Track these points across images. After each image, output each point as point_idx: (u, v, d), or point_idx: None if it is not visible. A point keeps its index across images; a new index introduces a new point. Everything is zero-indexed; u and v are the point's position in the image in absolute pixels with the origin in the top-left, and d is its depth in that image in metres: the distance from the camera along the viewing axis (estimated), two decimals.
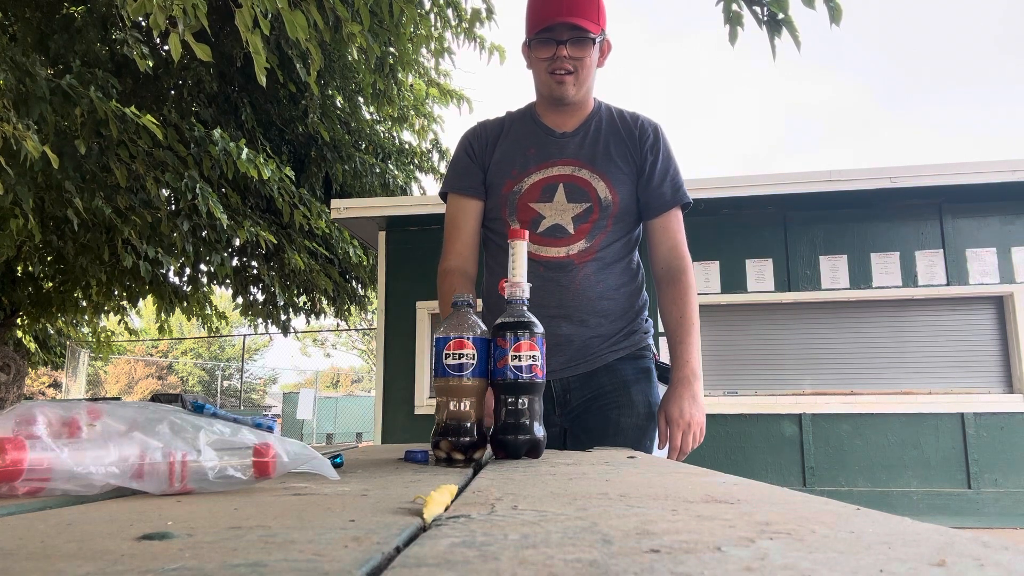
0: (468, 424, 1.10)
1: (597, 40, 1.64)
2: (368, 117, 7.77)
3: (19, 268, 6.92)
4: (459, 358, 1.10)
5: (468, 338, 1.11)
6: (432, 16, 5.57)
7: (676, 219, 1.77)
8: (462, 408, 1.11)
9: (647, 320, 1.80)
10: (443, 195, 1.82)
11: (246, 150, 5.06)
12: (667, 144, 1.77)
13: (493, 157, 1.75)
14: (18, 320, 8.01)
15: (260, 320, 7.84)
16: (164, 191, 5.54)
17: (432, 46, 5.99)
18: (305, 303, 7.99)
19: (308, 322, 9.64)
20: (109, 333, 9.81)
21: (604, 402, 1.68)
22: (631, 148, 1.73)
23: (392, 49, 6.15)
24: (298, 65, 5.54)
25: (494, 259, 1.79)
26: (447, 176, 1.83)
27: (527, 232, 1.25)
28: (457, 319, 1.14)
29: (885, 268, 5.19)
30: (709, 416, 5.13)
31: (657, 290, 1.77)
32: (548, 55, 1.64)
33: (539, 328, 1.17)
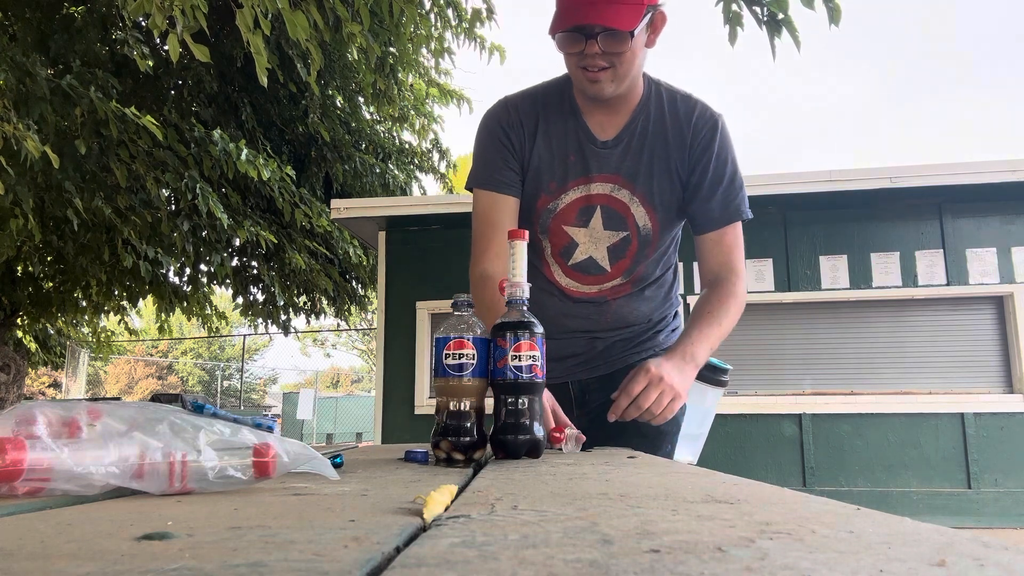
0: (468, 424, 1.10)
1: (636, 31, 1.33)
2: (368, 117, 7.77)
3: (19, 268, 6.92)
4: (459, 358, 1.10)
5: (468, 338, 1.11)
6: (432, 16, 5.57)
7: (731, 234, 1.54)
8: (462, 408, 1.11)
9: (677, 315, 1.69)
10: (470, 188, 1.59)
11: (246, 150, 5.06)
12: (726, 144, 1.51)
13: (531, 161, 1.51)
14: (18, 320, 8.01)
15: (260, 320, 7.84)
16: (164, 191, 5.55)
17: (432, 46, 6.00)
18: (305, 303, 7.99)
19: (308, 322, 9.64)
20: (109, 333, 9.81)
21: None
22: (679, 155, 1.49)
23: (392, 49, 6.15)
24: (298, 65, 5.54)
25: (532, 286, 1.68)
26: (478, 167, 1.56)
27: (527, 232, 1.24)
28: (457, 319, 1.14)
29: (885, 268, 5.19)
30: None
31: (703, 294, 1.59)
32: (577, 49, 1.37)
33: (539, 328, 1.17)
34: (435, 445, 1.10)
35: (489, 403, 1.16)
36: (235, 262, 7.31)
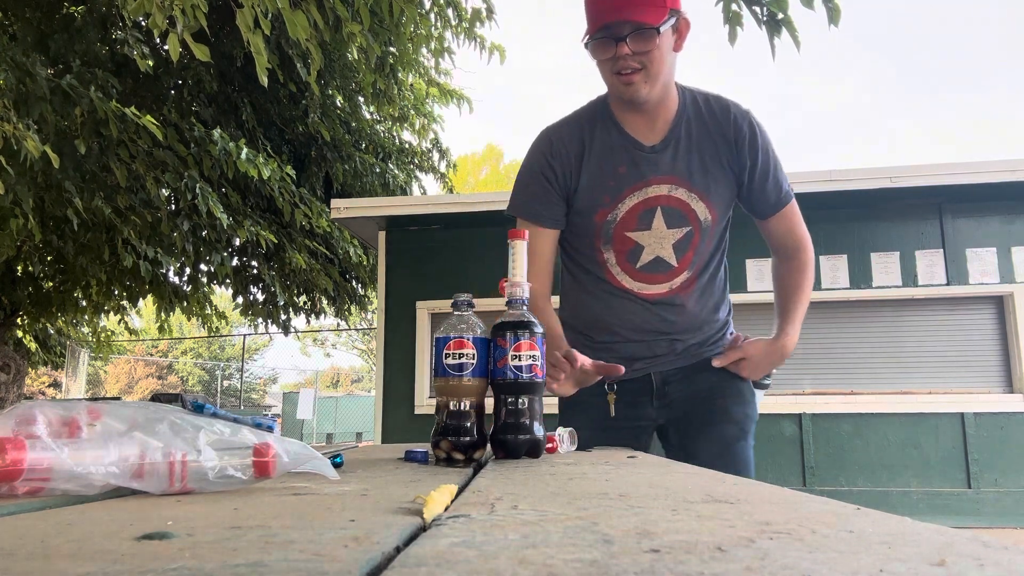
0: (468, 424, 1.10)
1: (663, 27, 1.42)
2: (368, 117, 7.77)
3: (19, 268, 6.92)
4: (459, 358, 1.10)
5: (468, 338, 1.11)
6: (432, 16, 5.57)
7: (789, 212, 1.69)
8: (462, 408, 1.11)
9: (731, 310, 1.81)
10: (510, 216, 1.64)
11: (246, 150, 5.06)
12: (764, 136, 1.60)
13: (580, 183, 1.57)
14: (18, 320, 8.01)
15: (260, 320, 7.84)
16: (164, 191, 5.55)
17: (432, 46, 6.00)
18: (305, 303, 7.99)
19: (308, 322, 9.64)
20: (109, 333, 9.81)
21: (710, 393, 1.64)
22: (726, 153, 1.57)
23: (392, 49, 6.15)
24: (298, 65, 5.54)
25: (584, 292, 1.67)
26: (520, 197, 1.63)
27: (527, 232, 1.24)
28: (457, 319, 1.14)
29: (885, 268, 5.19)
30: None
31: (778, 275, 1.75)
32: (609, 55, 1.45)
33: (539, 328, 1.17)
34: (435, 445, 1.10)
35: (489, 403, 1.16)
36: (235, 262, 7.31)
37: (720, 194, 1.58)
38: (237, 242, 6.83)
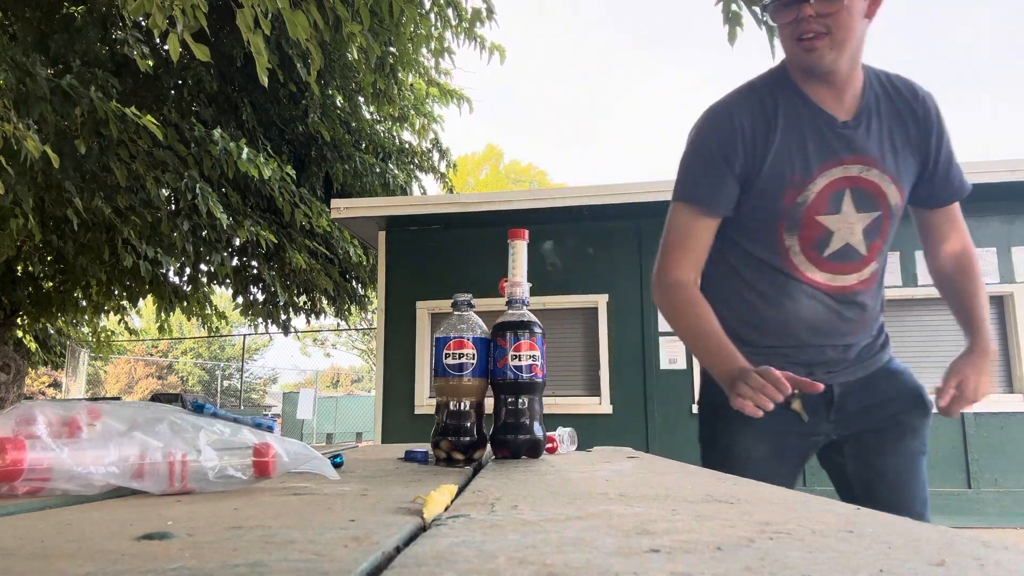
0: (468, 424, 1.10)
1: None
2: (368, 117, 7.77)
3: (19, 268, 6.92)
4: (459, 358, 1.10)
5: (468, 338, 1.11)
6: (432, 16, 5.57)
7: (957, 207, 1.53)
8: (462, 408, 1.11)
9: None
10: (676, 200, 1.50)
11: (246, 150, 5.06)
12: (943, 117, 1.48)
13: (766, 161, 1.40)
14: (18, 320, 8.01)
15: (260, 320, 7.85)
16: (164, 191, 5.55)
17: (432, 46, 5.99)
18: (305, 303, 7.99)
19: (308, 322, 9.65)
20: (109, 333, 9.81)
21: (891, 405, 1.49)
22: (915, 134, 1.44)
23: (392, 49, 6.15)
24: (298, 65, 5.55)
25: (748, 288, 1.48)
26: (693, 181, 1.46)
27: (527, 232, 1.24)
28: (457, 319, 1.14)
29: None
30: None
31: (946, 278, 1.55)
32: (791, 18, 1.33)
33: (539, 328, 1.17)
34: (435, 445, 1.10)
35: (489, 403, 1.16)
36: (235, 262, 7.31)
37: (907, 178, 1.44)
38: (237, 242, 6.83)
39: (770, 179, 1.40)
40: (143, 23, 5.18)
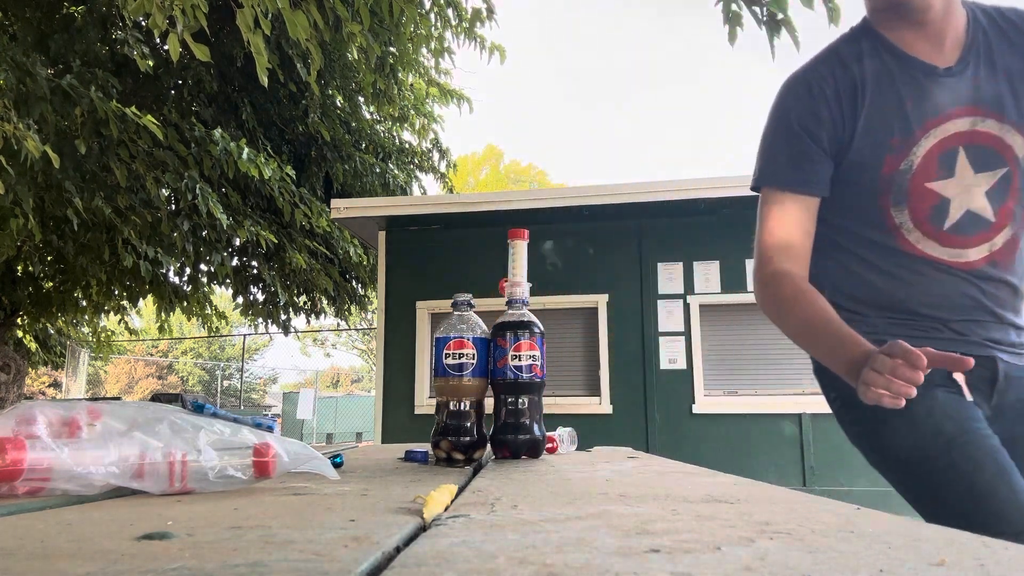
0: (468, 424, 1.10)
1: None
2: (368, 117, 7.77)
3: (19, 268, 6.92)
4: (459, 358, 1.11)
5: (468, 338, 1.12)
6: (432, 16, 5.57)
7: None
8: (462, 408, 1.11)
9: None
10: (757, 188, 1.35)
11: (247, 150, 5.06)
12: None
13: (857, 128, 1.22)
14: (18, 320, 8.01)
15: (260, 320, 7.85)
16: (164, 191, 5.55)
17: (432, 46, 6.00)
18: (305, 303, 7.99)
19: (308, 322, 9.65)
20: (109, 333, 9.81)
21: None
22: None
23: (392, 49, 6.15)
24: (298, 65, 5.55)
25: (866, 267, 1.27)
26: (776, 163, 1.30)
27: (527, 232, 1.24)
28: (457, 319, 1.14)
29: None
30: (708, 416, 5.14)
31: None
32: None
33: (539, 328, 1.17)
34: (435, 445, 1.10)
35: (489, 403, 1.17)
36: (235, 262, 7.32)
37: None
38: (237, 242, 6.83)
39: (865, 148, 1.22)
40: (143, 23, 5.18)
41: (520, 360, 1.13)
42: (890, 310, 1.25)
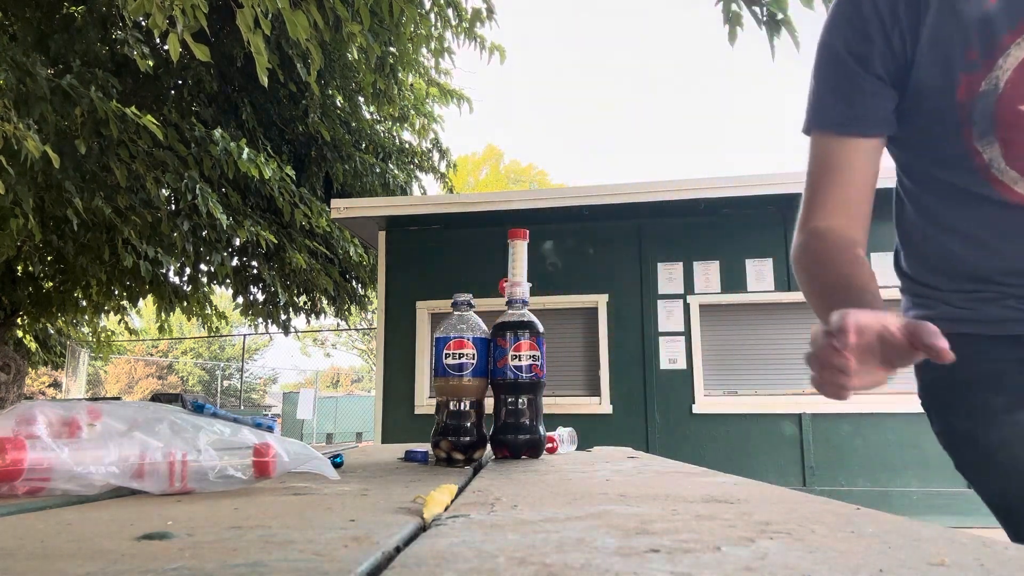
0: (468, 424, 1.10)
1: None
2: (368, 117, 7.78)
3: (19, 268, 6.92)
4: (459, 358, 1.11)
5: (468, 338, 1.12)
6: (432, 16, 5.57)
7: None
8: (462, 408, 1.11)
9: None
10: (810, 130, 1.08)
11: (247, 150, 5.07)
12: None
13: (919, 44, 0.95)
14: (18, 320, 8.01)
15: (260, 320, 7.85)
16: (164, 191, 5.55)
17: (432, 46, 6.00)
18: (305, 303, 8.00)
19: (308, 322, 9.65)
20: (109, 333, 9.81)
21: None
22: None
23: (392, 49, 6.15)
24: (298, 65, 5.55)
25: (934, 225, 1.04)
26: (821, 97, 1.05)
27: (527, 232, 1.24)
28: (457, 319, 1.14)
29: (885, 267, 5.19)
30: (708, 416, 5.14)
31: None
32: None
33: (539, 328, 1.17)
34: (435, 445, 1.10)
35: (489, 403, 1.17)
36: (235, 262, 7.32)
37: None
38: (237, 242, 6.83)
39: (933, 68, 0.95)
40: (143, 23, 5.18)
41: (520, 360, 1.13)
42: (973, 280, 1.01)
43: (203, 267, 7.09)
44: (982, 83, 0.92)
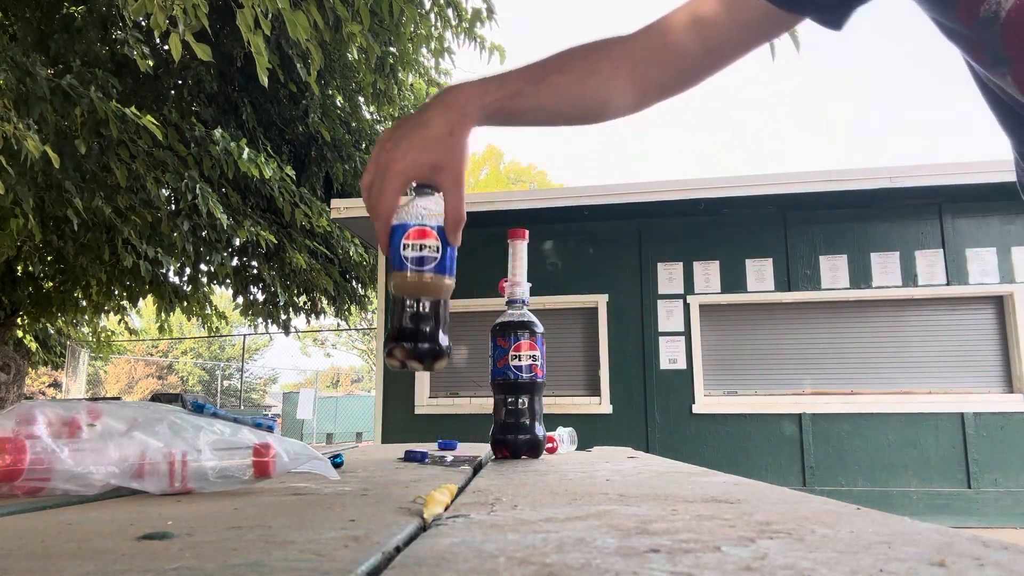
0: (427, 329, 0.90)
1: None
2: (368, 117, 7.77)
3: (19, 268, 6.92)
4: (420, 249, 0.91)
5: (431, 226, 0.92)
6: (432, 16, 5.57)
7: None
8: (421, 310, 0.91)
9: None
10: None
11: (247, 150, 5.07)
12: None
13: None
14: (18, 320, 8.02)
15: (260, 320, 7.85)
16: (164, 191, 5.55)
17: (432, 46, 6.00)
18: (305, 303, 8.00)
19: (308, 322, 9.65)
20: (109, 333, 9.81)
21: None
22: None
23: (392, 49, 6.15)
24: (298, 65, 5.55)
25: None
26: None
27: (527, 232, 1.24)
28: (418, 204, 0.93)
29: (885, 268, 5.20)
30: (708, 416, 5.16)
31: None
32: None
33: (539, 328, 1.17)
34: (388, 353, 0.91)
35: (488, 402, 1.17)
36: (235, 262, 7.32)
37: None
38: (237, 242, 6.83)
39: None
40: (143, 23, 5.18)
41: (520, 360, 1.13)
42: None
43: (203, 267, 7.09)
44: (980, 9, 0.74)
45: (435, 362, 0.90)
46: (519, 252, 1.21)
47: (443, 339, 0.91)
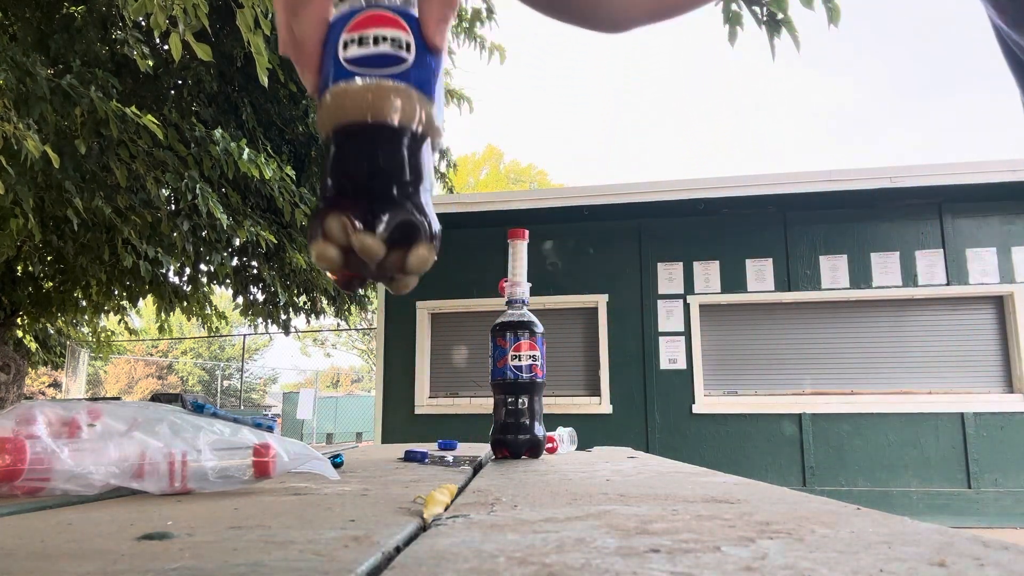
0: (391, 165, 0.46)
1: None
2: None
3: (19, 268, 6.92)
4: (374, 43, 0.45)
5: (395, 10, 0.46)
6: None
7: None
8: (378, 136, 0.45)
9: None
10: None
11: (247, 150, 5.07)
12: None
13: None
14: (18, 320, 8.01)
15: (260, 320, 7.85)
16: (164, 191, 5.55)
17: None
18: (305, 303, 7.99)
19: (308, 322, 9.64)
20: (109, 333, 9.81)
21: None
22: None
23: None
24: None
25: None
26: None
27: (527, 232, 1.24)
28: None
29: (885, 268, 5.20)
30: (708, 416, 5.18)
31: None
32: None
33: (539, 328, 1.17)
34: (320, 220, 0.46)
35: (488, 403, 1.17)
36: (235, 262, 7.32)
37: None
38: (237, 242, 6.83)
39: None
40: (143, 23, 5.18)
41: (520, 360, 1.13)
42: None
43: (203, 267, 7.09)
44: None
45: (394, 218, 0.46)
46: (519, 252, 1.21)
47: (407, 202, 0.47)
